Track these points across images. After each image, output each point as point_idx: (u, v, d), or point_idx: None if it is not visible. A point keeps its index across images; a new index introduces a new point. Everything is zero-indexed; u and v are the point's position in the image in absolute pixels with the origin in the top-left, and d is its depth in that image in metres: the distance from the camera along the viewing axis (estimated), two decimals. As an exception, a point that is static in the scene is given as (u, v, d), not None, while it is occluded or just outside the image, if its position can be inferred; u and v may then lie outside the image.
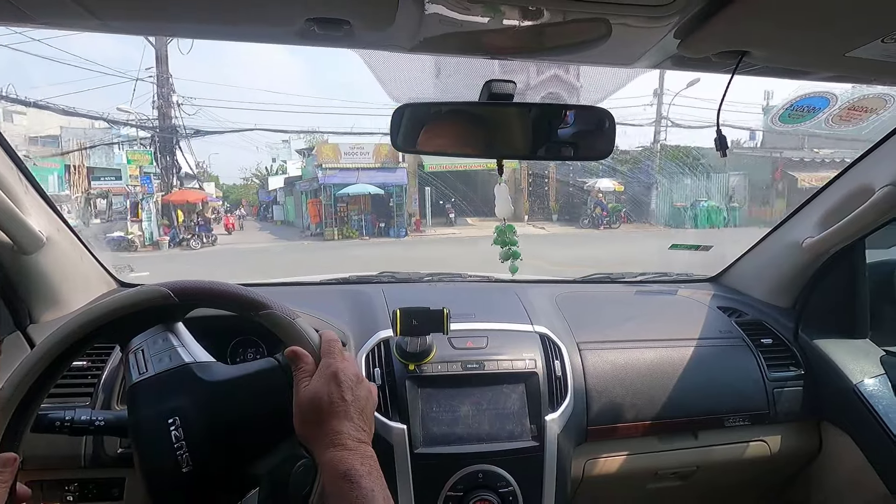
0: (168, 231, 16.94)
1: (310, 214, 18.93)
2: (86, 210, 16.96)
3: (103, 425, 0.79)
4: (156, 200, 17.23)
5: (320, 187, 17.82)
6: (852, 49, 0.70)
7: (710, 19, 0.64)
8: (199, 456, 0.71)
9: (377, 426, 1.06)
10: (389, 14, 0.65)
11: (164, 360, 0.76)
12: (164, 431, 0.72)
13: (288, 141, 26.48)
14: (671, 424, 1.26)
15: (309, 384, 0.69)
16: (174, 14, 0.70)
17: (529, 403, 1.14)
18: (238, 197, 41.09)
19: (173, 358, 0.76)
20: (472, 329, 1.22)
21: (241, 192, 42.65)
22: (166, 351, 0.76)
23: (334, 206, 17.51)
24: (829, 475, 1.38)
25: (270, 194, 28.73)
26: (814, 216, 1.36)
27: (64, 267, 1.22)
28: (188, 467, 0.70)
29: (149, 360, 0.76)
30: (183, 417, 0.72)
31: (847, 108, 1.42)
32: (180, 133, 17.31)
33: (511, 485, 1.07)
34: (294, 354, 0.72)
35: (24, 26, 0.72)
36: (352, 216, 17.98)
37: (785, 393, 1.32)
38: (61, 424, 0.76)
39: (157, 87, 16.42)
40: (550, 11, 0.66)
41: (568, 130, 0.98)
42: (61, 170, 16.91)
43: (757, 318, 1.48)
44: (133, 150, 17.93)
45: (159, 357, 0.76)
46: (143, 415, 0.74)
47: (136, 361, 0.76)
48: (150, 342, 0.77)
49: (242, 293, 0.77)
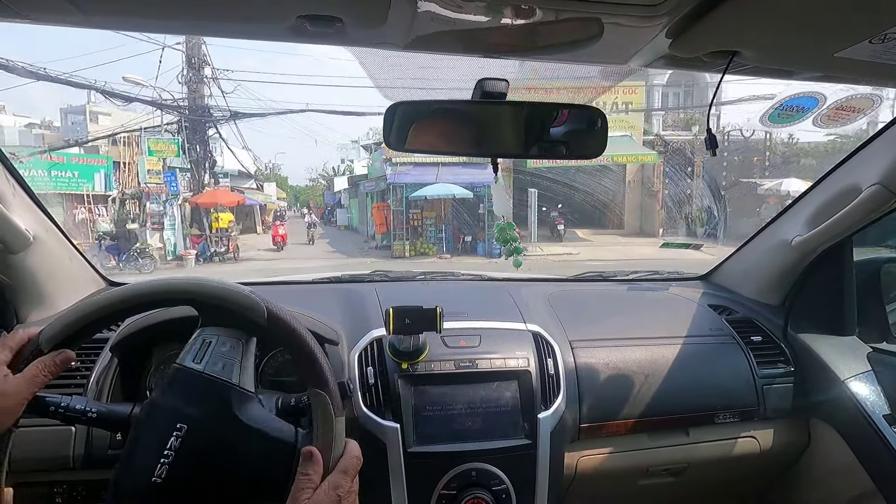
0: (197, 242, 13.64)
1: (375, 222, 15.46)
2: (121, 212, 14.47)
3: (95, 417, 0.78)
4: (181, 203, 13.90)
5: (388, 188, 14.17)
6: (841, 49, 0.70)
7: (700, 19, 0.65)
8: (175, 475, 0.70)
9: (371, 425, 1.06)
10: (382, 12, 0.65)
11: (218, 366, 0.75)
12: (165, 431, 0.71)
13: (357, 141, 24.56)
14: (662, 422, 1.27)
15: (312, 497, 0.69)
16: (162, 9, 0.69)
17: (522, 401, 1.14)
18: (306, 198, 39.68)
19: (226, 369, 0.75)
20: (465, 328, 1.22)
21: (309, 193, 41.06)
22: (227, 359, 0.76)
23: (406, 213, 13.60)
24: (818, 470, 1.39)
25: (335, 196, 26.93)
26: (802, 215, 1.38)
27: (51, 266, 1.20)
28: (158, 479, 0.70)
29: (208, 356, 0.76)
30: (190, 431, 0.72)
31: (835, 108, 1.44)
32: (214, 115, 13.52)
33: (504, 483, 1.08)
34: (310, 456, 0.71)
35: (9, 21, 0.71)
36: (427, 226, 13.99)
37: (774, 390, 1.34)
38: (55, 409, 0.76)
39: (185, 55, 13.07)
40: (543, 10, 0.66)
41: (560, 129, 0.98)
42: (109, 167, 14.82)
43: (747, 316, 1.50)
44: (156, 138, 14.02)
45: (217, 359, 0.76)
46: (165, 401, 0.74)
47: (197, 348, 0.77)
48: (221, 341, 0.77)
49: (321, 361, 0.76)
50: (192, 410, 0.73)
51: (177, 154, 13.81)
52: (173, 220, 13.52)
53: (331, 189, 28.18)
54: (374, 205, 16.27)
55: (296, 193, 44.32)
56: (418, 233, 13.83)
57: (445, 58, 0.90)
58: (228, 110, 13.27)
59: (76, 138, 16.60)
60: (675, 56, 0.77)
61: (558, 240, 12.68)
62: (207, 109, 13.56)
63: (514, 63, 0.98)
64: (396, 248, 13.44)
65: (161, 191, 13.63)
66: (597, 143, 0.98)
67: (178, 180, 13.72)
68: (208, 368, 0.75)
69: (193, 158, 13.91)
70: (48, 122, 20.42)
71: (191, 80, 13.22)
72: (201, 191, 14.12)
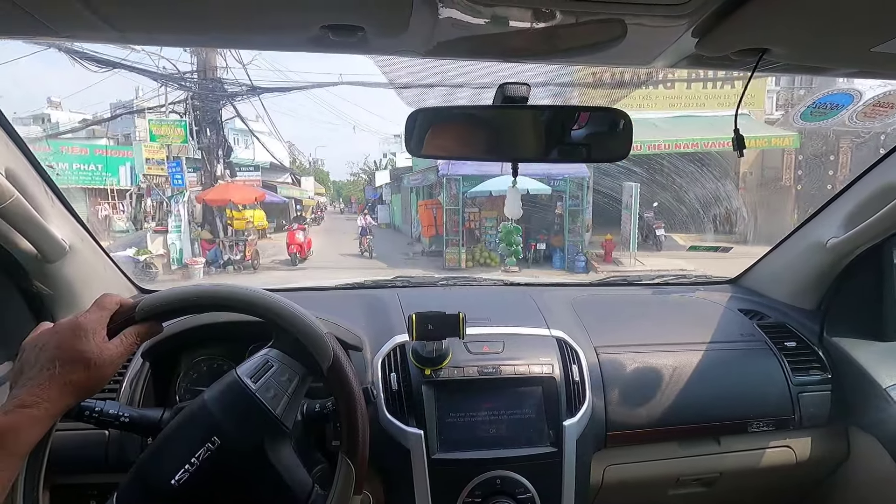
0: (208, 248, 11.25)
1: (422, 223, 12.79)
2: (138, 209, 13.18)
3: (127, 421, 0.81)
4: (187, 199, 11.34)
5: (438, 182, 11.48)
6: (878, 44, 0.68)
7: (728, 17, 0.63)
8: (192, 484, 0.72)
9: (394, 431, 1.06)
10: (403, 20, 0.66)
11: (270, 393, 0.76)
12: (199, 440, 0.73)
13: (400, 135, 22.76)
14: (692, 429, 1.24)
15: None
16: (192, 26, 0.71)
17: (547, 408, 1.12)
18: (347, 194, 38.63)
19: (275, 399, 0.76)
20: (488, 333, 1.22)
21: (350, 188, 39.63)
22: (280, 389, 0.77)
23: (461, 212, 10.76)
24: (858, 482, 1.33)
25: (376, 191, 24.49)
26: (838, 216, 1.33)
27: (86, 274, 1.24)
28: (176, 483, 0.71)
29: (264, 378, 0.77)
30: (221, 448, 0.73)
31: (872, 105, 1.39)
32: (228, 90, 10.76)
33: (530, 491, 1.06)
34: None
35: (48, 40, 0.74)
36: (487, 228, 11.08)
37: (810, 397, 1.29)
38: (90, 414, 0.78)
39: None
40: (564, 13, 0.65)
41: (581, 132, 0.97)
42: (134, 159, 13.19)
43: (780, 321, 1.45)
44: (159, 119, 11.45)
45: (271, 386, 0.77)
46: (212, 408, 0.76)
47: (257, 366, 0.78)
48: (282, 369, 0.78)
49: (362, 431, 0.76)
50: (230, 428, 0.74)
51: (184, 140, 11.25)
52: (179, 220, 11.07)
53: (372, 184, 26.27)
54: (421, 202, 13.42)
55: (337, 189, 43.06)
56: (476, 237, 11.07)
57: (466, 62, 0.90)
58: (248, 83, 10.48)
59: (123, 133, 15.97)
60: (701, 56, 0.75)
61: (656, 248, 9.79)
62: (220, 82, 10.96)
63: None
64: (449, 256, 10.67)
65: (164, 184, 11.51)
66: (620, 145, 0.96)
67: (183, 171, 11.13)
68: (260, 392, 0.76)
69: (204, 145, 11.54)
70: (99, 116, 19.87)
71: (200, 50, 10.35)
72: (213, 185, 11.66)
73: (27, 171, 1.02)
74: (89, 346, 0.68)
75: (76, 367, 0.67)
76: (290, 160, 21.16)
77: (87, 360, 0.67)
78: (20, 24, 0.67)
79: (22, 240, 1.04)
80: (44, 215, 1.05)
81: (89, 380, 0.68)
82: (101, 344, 0.69)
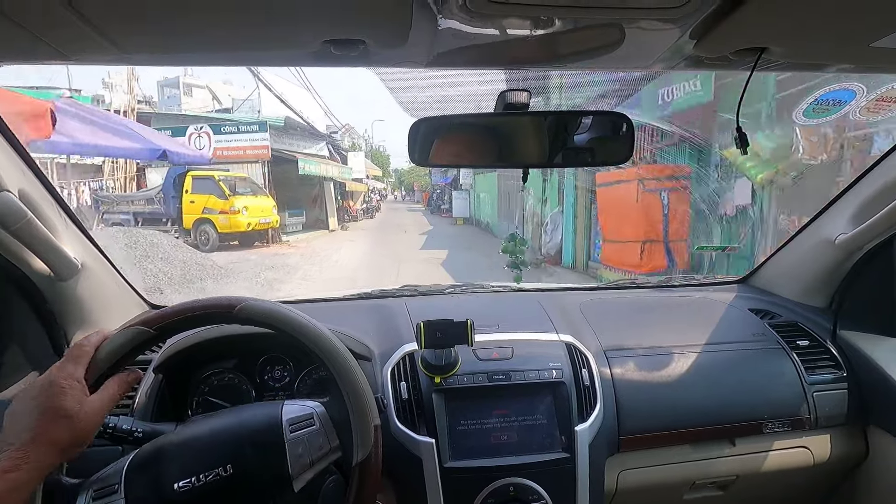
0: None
1: (605, 228, 7.13)
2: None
3: (141, 437, 0.81)
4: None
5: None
6: (877, 39, 0.68)
7: (725, 18, 0.64)
8: (191, 499, 0.71)
9: (405, 440, 1.06)
10: (403, 32, 0.67)
11: (297, 450, 0.75)
12: (216, 458, 0.73)
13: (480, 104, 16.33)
14: (706, 432, 1.22)
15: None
16: (196, 46, 0.73)
17: (558, 414, 1.12)
18: (410, 181, 33.62)
19: (299, 460, 0.75)
20: (496, 340, 1.21)
21: (413, 175, 33.96)
22: (307, 452, 0.75)
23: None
24: (878, 481, 1.31)
25: (447, 175, 19.04)
26: (846, 212, 1.32)
27: (98, 292, 1.26)
28: (178, 490, 0.71)
29: (301, 431, 0.76)
30: (230, 477, 0.72)
31: (876, 100, 1.38)
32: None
33: (543, 497, 1.05)
34: None
35: (56, 63, 0.76)
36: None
37: (826, 396, 1.27)
38: (104, 430, 0.78)
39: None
40: (562, 20, 0.66)
41: (584, 136, 0.98)
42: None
43: (791, 320, 1.43)
44: None
45: (301, 444, 0.75)
46: (242, 433, 0.75)
47: (302, 415, 0.77)
48: (320, 433, 0.77)
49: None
50: (246, 463, 0.73)
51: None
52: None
53: None
54: (605, 188, 7.05)
55: (399, 177, 38.72)
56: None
57: (467, 72, 0.92)
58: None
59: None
60: (700, 57, 0.76)
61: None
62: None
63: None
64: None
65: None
66: (623, 147, 0.97)
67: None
68: (290, 445, 0.74)
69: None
70: (149, 97, 19.20)
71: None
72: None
73: (40, 192, 1.04)
74: (67, 402, 0.66)
75: (58, 426, 0.65)
76: (330, 129, 14.67)
77: (68, 417, 0.65)
78: (32, 50, 0.69)
79: (35, 259, 1.06)
80: (56, 235, 1.07)
81: (73, 437, 0.66)
82: (80, 398, 0.67)
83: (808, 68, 0.84)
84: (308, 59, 0.76)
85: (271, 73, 10.79)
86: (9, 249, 1.01)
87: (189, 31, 0.67)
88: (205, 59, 0.83)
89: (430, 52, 0.76)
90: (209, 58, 0.83)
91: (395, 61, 0.80)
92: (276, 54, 0.79)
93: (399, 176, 39.50)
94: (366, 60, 0.77)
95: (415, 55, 0.76)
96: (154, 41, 0.72)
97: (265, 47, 0.74)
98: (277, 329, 0.77)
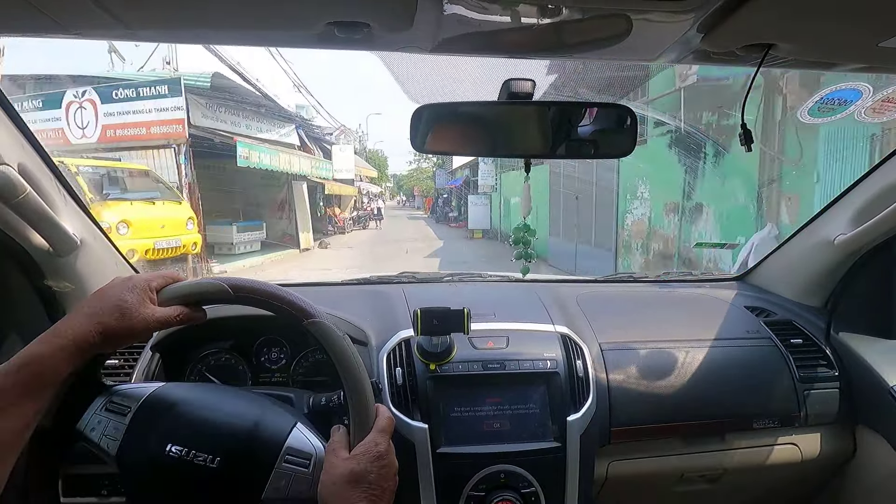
0: None
1: None
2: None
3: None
4: None
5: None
6: (886, 39, 0.67)
7: (734, 12, 0.63)
8: (171, 469, 0.72)
9: (399, 425, 1.07)
10: (408, 16, 0.66)
11: (281, 482, 0.73)
12: (216, 442, 0.74)
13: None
14: (697, 426, 1.24)
15: (351, 458, 0.70)
16: (200, 23, 0.72)
17: (551, 404, 1.13)
18: (410, 185, 30.95)
19: (277, 491, 0.73)
20: (492, 329, 1.22)
21: (413, 180, 31.62)
22: (288, 488, 0.74)
23: None
24: (864, 480, 1.33)
25: (455, 176, 15.51)
26: (846, 212, 1.32)
27: (97, 269, 1.26)
28: (166, 454, 0.72)
29: (290, 466, 0.74)
30: (213, 470, 0.73)
31: (881, 100, 1.37)
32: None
33: (533, 485, 1.07)
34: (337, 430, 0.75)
35: (57, 37, 0.75)
36: None
37: (816, 395, 1.29)
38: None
39: None
40: (570, 9, 0.65)
41: (588, 128, 0.98)
42: None
43: (786, 318, 1.44)
44: None
45: (290, 489, 0.73)
46: (251, 430, 0.75)
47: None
48: (301, 482, 0.74)
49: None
50: (233, 469, 0.73)
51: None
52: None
53: (445, 167, 16.04)
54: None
55: (398, 181, 36.58)
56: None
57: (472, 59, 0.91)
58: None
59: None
60: (706, 51, 0.75)
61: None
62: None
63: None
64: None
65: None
66: (626, 140, 0.97)
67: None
68: (276, 474, 0.73)
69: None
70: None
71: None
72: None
73: (39, 167, 1.04)
74: (130, 297, 0.71)
75: (111, 312, 0.70)
76: (324, 131, 11.09)
77: (123, 309, 0.70)
78: (31, 21, 0.68)
79: (34, 234, 1.05)
80: (55, 210, 1.07)
81: (119, 327, 0.70)
82: (143, 300, 0.72)
83: (814, 66, 0.83)
84: (312, 41, 0.76)
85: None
86: (8, 224, 1.01)
87: (191, 7, 0.67)
88: (207, 37, 0.82)
89: (435, 38, 0.75)
90: (211, 36, 0.82)
91: (400, 46, 0.79)
92: (279, 34, 0.78)
93: (398, 181, 37.75)
94: (370, 44, 0.76)
95: (419, 40, 0.76)
96: (156, 16, 0.71)
97: (268, 26, 0.73)
98: (333, 359, 0.76)
